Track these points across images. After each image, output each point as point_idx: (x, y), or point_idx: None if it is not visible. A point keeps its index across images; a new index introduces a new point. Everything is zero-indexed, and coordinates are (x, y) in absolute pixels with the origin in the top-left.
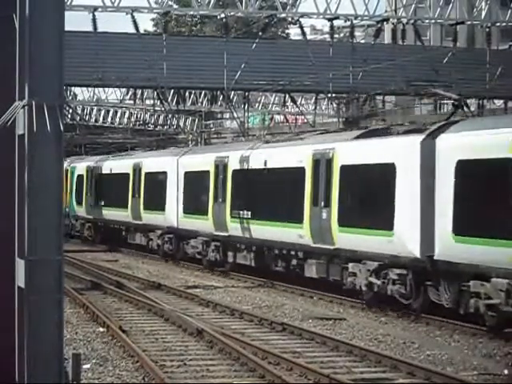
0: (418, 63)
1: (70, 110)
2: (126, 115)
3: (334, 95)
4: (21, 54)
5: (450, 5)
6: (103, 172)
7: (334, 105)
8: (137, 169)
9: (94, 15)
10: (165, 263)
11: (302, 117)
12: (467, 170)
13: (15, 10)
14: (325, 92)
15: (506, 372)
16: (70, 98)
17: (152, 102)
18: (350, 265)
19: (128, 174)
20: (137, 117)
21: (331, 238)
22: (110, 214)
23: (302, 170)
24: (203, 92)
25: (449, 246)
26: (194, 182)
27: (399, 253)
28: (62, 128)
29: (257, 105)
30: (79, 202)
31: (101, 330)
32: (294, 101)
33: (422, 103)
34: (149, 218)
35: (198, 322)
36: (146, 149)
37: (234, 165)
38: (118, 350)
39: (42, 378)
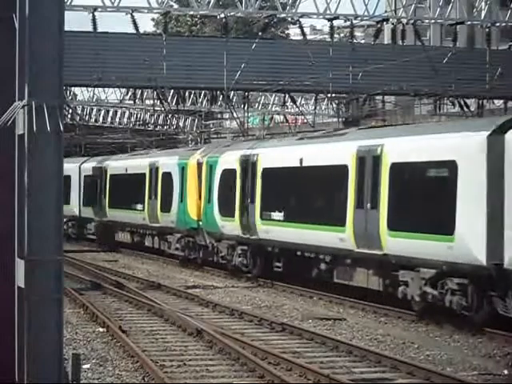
0: (418, 63)
1: (70, 110)
2: (126, 115)
3: (333, 95)
4: (21, 54)
5: (450, 5)
6: (278, 165)
7: (334, 105)
8: (367, 157)
9: (93, 15)
10: (164, 264)
11: (302, 117)
12: None
13: (15, 11)
14: (325, 92)
15: (505, 372)
16: (70, 98)
17: (152, 102)
18: None
19: (345, 168)
20: (137, 117)
21: None
22: (295, 233)
23: None
24: (203, 92)
25: None
26: None
27: None
28: (61, 128)
29: (257, 105)
30: (226, 213)
31: (101, 330)
32: (293, 101)
33: (421, 103)
34: (402, 244)
35: (197, 322)
36: (365, 123)
37: None
38: (118, 350)
39: (42, 377)
